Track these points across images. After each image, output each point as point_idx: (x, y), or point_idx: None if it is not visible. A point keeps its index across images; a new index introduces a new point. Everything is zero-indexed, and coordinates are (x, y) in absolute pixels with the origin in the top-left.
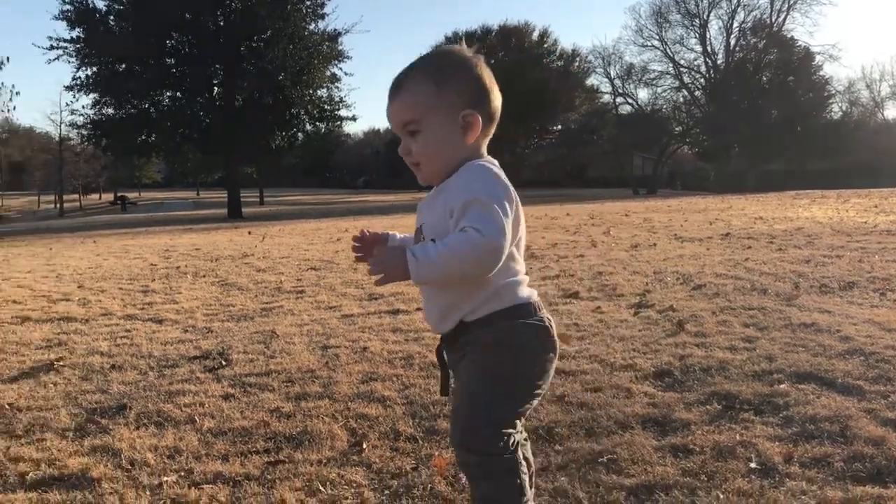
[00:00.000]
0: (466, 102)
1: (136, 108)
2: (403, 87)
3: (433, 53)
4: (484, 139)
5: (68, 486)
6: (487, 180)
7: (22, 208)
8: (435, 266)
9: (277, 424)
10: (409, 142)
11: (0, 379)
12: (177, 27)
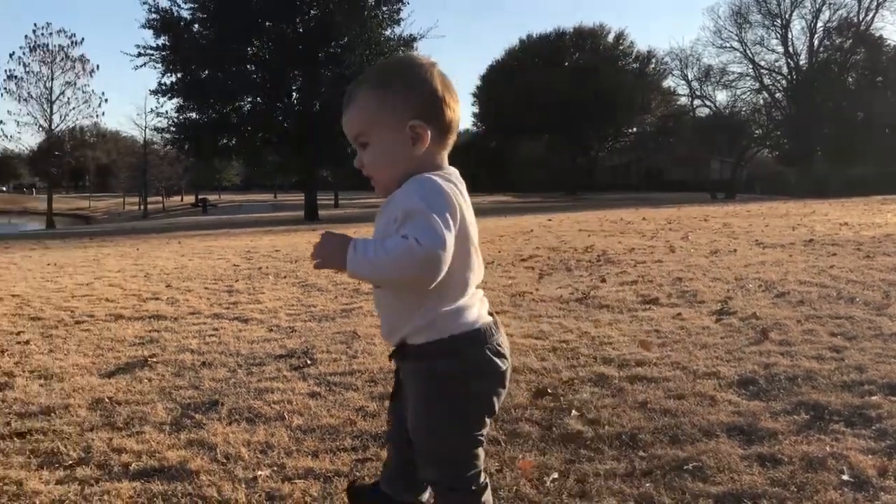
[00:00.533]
0: (414, 113)
1: (217, 113)
2: (352, 100)
3: (383, 63)
4: (439, 150)
5: (169, 477)
6: (430, 191)
7: (108, 209)
8: (370, 265)
9: (363, 423)
10: (361, 154)
11: (99, 373)
12: (257, 34)
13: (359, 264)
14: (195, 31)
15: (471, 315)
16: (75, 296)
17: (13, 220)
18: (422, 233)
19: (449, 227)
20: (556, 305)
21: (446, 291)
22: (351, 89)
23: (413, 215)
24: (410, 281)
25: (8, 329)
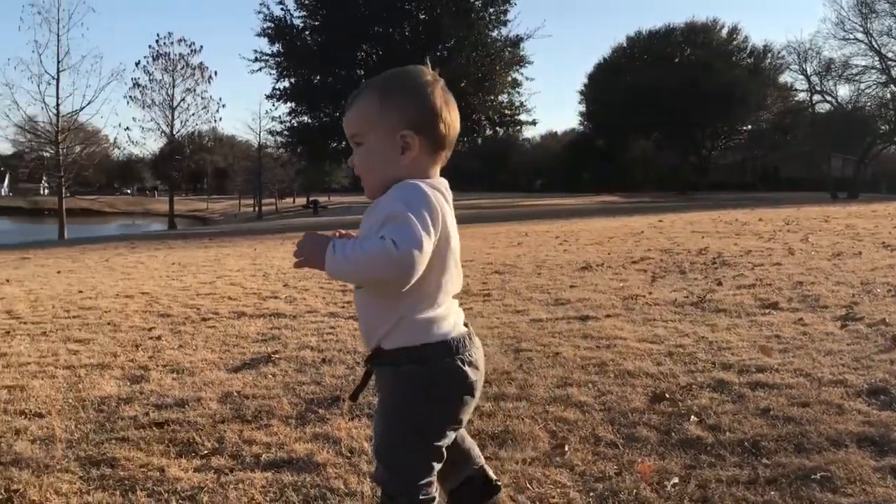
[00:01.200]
0: (408, 124)
1: (328, 117)
2: (354, 102)
3: (390, 73)
4: (431, 163)
5: (297, 468)
6: (413, 197)
7: (224, 211)
8: (347, 263)
9: (480, 422)
10: (354, 153)
11: (226, 368)
12: (366, 39)
13: (337, 263)
14: (307, 37)
15: (445, 325)
16: (200, 294)
17: (137, 220)
18: (398, 234)
19: (428, 230)
20: (670, 309)
21: (422, 299)
22: (356, 92)
23: (393, 218)
24: (385, 281)
25: (140, 325)
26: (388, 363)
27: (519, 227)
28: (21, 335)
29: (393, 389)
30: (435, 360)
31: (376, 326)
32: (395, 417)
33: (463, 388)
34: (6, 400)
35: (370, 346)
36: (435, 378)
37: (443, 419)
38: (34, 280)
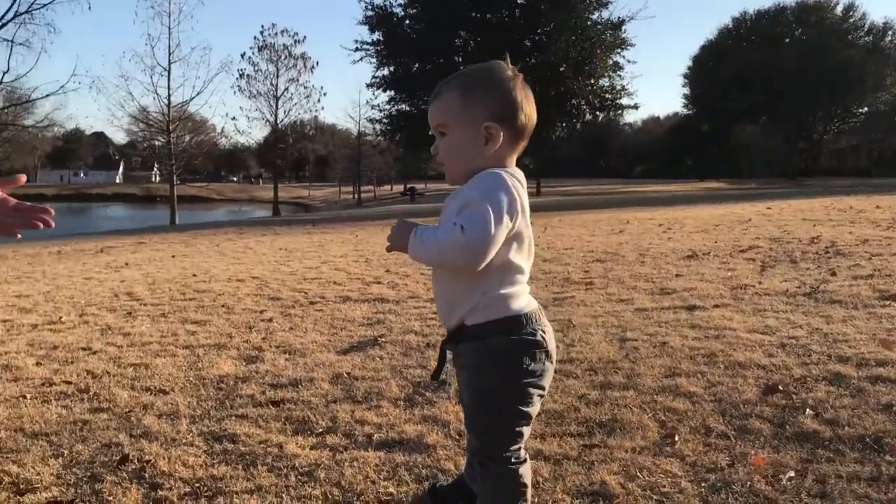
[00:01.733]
0: (491, 116)
1: (427, 104)
2: (439, 95)
3: (471, 68)
4: (511, 152)
5: (408, 449)
6: (492, 186)
7: (325, 198)
8: (424, 249)
9: (587, 410)
10: (438, 142)
11: (335, 350)
12: (464, 26)
13: (415, 247)
14: (406, 25)
15: (523, 300)
16: (306, 278)
17: (243, 207)
18: (469, 221)
19: (500, 218)
20: (781, 299)
21: (503, 277)
22: (441, 85)
23: (468, 205)
24: (454, 265)
25: (253, 308)
26: (472, 338)
27: (620, 214)
28: (142, 316)
29: (479, 362)
30: (517, 331)
31: (459, 304)
32: (483, 389)
33: (544, 356)
34: (133, 377)
35: (450, 325)
36: (519, 347)
37: (529, 386)
38: (151, 264)
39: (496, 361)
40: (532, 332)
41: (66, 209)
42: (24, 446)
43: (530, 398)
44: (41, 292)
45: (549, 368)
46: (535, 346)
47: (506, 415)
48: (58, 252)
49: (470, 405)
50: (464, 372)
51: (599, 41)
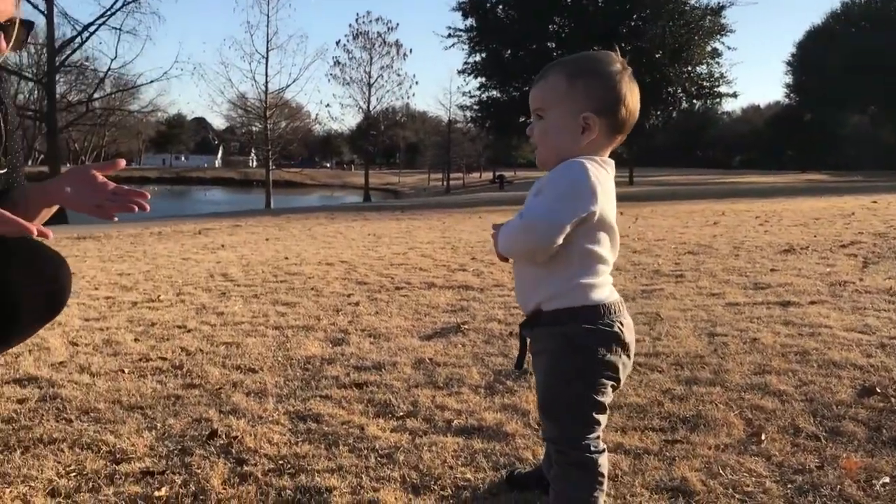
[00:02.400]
0: (592, 106)
1: (517, 91)
2: (544, 77)
3: (580, 55)
4: (606, 145)
5: (487, 436)
6: (567, 173)
7: (414, 185)
8: (502, 242)
9: (671, 405)
10: (535, 125)
11: (419, 336)
12: (558, 11)
13: (500, 244)
14: (499, 11)
15: (603, 291)
16: (393, 264)
17: (335, 193)
18: (531, 207)
19: (565, 204)
20: (884, 298)
21: (586, 265)
22: (547, 68)
23: (541, 192)
24: (521, 251)
25: (341, 291)
26: (547, 324)
27: (715, 205)
28: (236, 297)
29: (554, 349)
30: (594, 320)
31: (537, 290)
32: (558, 376)
33: (620, 348)
34: (224, 355)
35: (527, 310)
36: (595, 337)
37: (603, 375)
38: (245, 246)
39: (571, 349)
40: (609, 323)
41: (168, 192)
42: (120, 418)
43: (604, 388)
44: (142, 271)
45: (624, 361)
46: (612, 337)
47: (580, 403)
48: (158, 233)
49: (544, 392)
50: (539, 358)
51: (698, 27)
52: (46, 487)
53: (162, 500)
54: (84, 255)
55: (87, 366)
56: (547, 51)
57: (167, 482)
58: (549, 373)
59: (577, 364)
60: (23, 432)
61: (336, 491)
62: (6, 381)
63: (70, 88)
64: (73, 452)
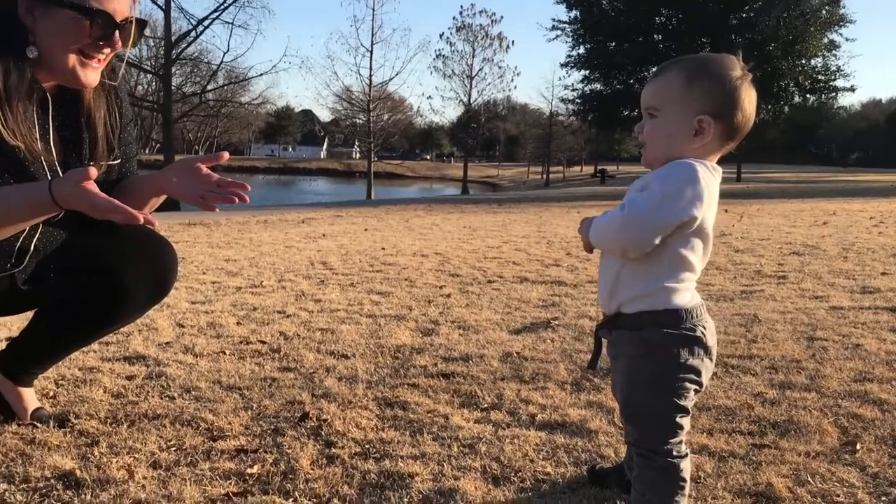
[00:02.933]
0: (708, 109)
1: (621, 84)
2: (660, 76)
3: (700, 56)
4: (717, 150)
5: (570, 432)
6: (675, 173)
7: (513, 178)
8: (595, 232)
9: (762, 409)
10: (645, 123)
11: (508, 329)
12: (666, 3)
13: (592, 233)
14: (604, 3)
15: (687, 295)
16: (487, 257)
17: (434, 185)
18: (635, 201)
19: (670, 204)
20: None
21: (673, 270)
22: (664, 66)
23: (647, 188)
24: (616, 245)
25: (433, 283)
26: (627, 327)
27: (826, 204)
28: (333, 285)
29: (635, 354)
30: (675, 324)
31: (620, 290)
32: (639, 381)
33: (703, 352)
34: (320, 340)
35: (609, 310)
36: (677, 341)
37: (685, 381)
38: (345, 236)
39: (652, 353)
40: (692, 327)
41: (275, 181)
42: (219, 397)
43: (686, 392)
44: (247, 257)
45: (707, 365)
46: (694, 341)
47: (662, 408)
48: (264, 221)
49: (625, 396)
50: (618, 361)
51: (814, 17)
52: (149, 459)
53: (253, 477)
54: (194, 240)
55: (192, 346)
56: (653, 43)
57: (259, 460)
58: (629, 377)
59: (658, 368)
60: (130, 407)
61: (418, 477)
62: (117, 359)
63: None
64: (174, 428)
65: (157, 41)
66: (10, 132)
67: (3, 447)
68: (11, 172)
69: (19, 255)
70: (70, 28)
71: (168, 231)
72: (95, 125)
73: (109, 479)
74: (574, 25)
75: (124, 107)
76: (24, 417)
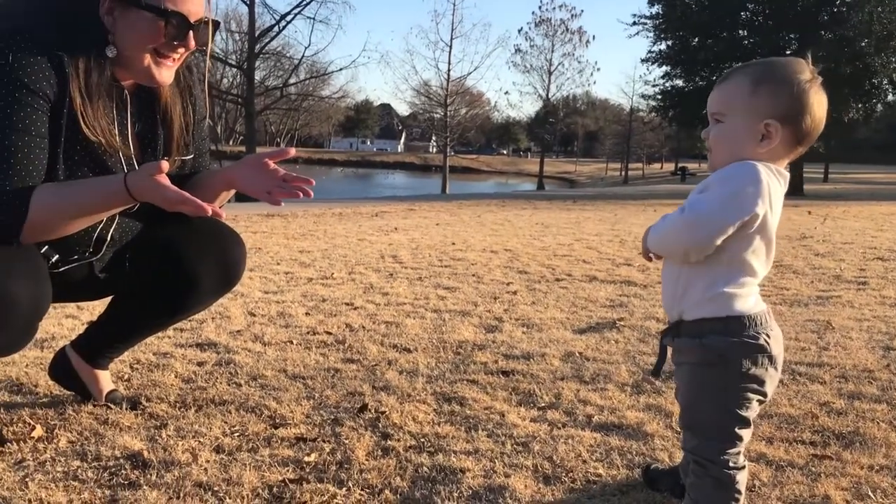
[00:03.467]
0: (775, 113)
1: (704, 81)
2: (726, 81)
3: (766, 61)
4: (785, 154)
5: (626, 434)
6: (737, 174)
7: (591, 174)
8: (654, 237)
9: (826, 419)
10: (712, 128)
11: (572, 329)
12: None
13: (651, 239)
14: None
15: (750, 301)
16: (557, 255)
17: (510, 180)
18: (696, 203)
19: (731, 205)
20: None
21: (734, 275)
22: (731, 71)
23: (708, 188)
24: (676, 248)
25: (500, 279)
26: (689, 335)
27: None
28: (401, 278)
29: (696, 362)
30: (737, 332)
31: (682, 297)
32: (699, 389)
33: (767, 360)
34: (384, 333)
35: (672, 317)
36: (738, 349)
37: (747, 390)
38: (416, 230)
39: (713, 362)
40: (755, 335)
41: (353, 174)
42: (284, 386)
43: (748, 402)
44: (320, 249)
45: (771, 374)
46: (758, 349)
47: (722, 417)
48: (339, 214)
49: (686, 404)
50: (680, 369)
51: None
52: (213, 444)
53: (310, 465)
54: (271, 231)
55: (261, 335)
56: (737, 40)
57: (317, 449)
58: (690, 385)
59: (719, 377)
60: (198, 392)
61: (469, 473)
62: (190, 345)
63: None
64: (238, 414)
65: (241, 36)
66: (91, 128)
67: (79, 426)
68: (90, 167)
69: (97, 244)
70: (146, 28)
71: (247, 221)
72: (171, 121)
73: (174, 461)
74: (656, 20)
75: (198, 104)
76: (99, 399)
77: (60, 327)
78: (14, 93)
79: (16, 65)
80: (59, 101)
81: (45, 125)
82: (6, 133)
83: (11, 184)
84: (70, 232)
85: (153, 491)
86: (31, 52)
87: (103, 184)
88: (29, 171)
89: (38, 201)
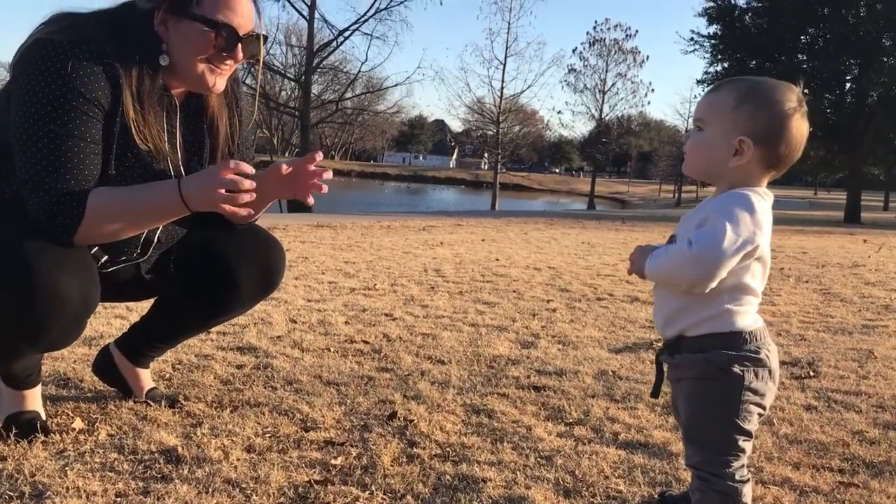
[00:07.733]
0: (751, 132)
1: None
2: (715, 92)
3: (756, 80)
4: (759, 174)
5: (651, 453)
6: (734, 204)
7: (644, 196)
8: (656, 269)
9: (858, 447)
10: (692, 135)
11: (608, 348)
12: (814, 23)
13: (651, 268)
14: (748, 20)
15: (749, 318)
16: (600, 274)
17: (561, 199)
18: (701, 237)
19: (736, 238)
20: None
21: (735, 296)
22: (721, 83)
23: (707, 222)
24: (682, 282)
25: (541, 296)
26: (690, 350)
27: None
28: (442, 292)
29: (698, 376)
30: (739, 346)
31: (681, 317)
32: (702, 403)
33: (766, 374)
34: (420, 345)
35: (668, 335)
36: (740, 363)
37: (748, 402)
38: (462, 245)
39: (716, 375)
40: (755, 349)
41: (405, 188)
42: (317, 391)
43: (750, 414)
44: (365, 261)
45: (770, 388)
46: (758, 363)
47: (725, 429)
48: (387, 227)
49: (688, 419)
50: (680, 385)
51: None
52: (244, 443)
53: (336, 468)
54: (319, 241)
55: (300, 342)
56: (796, 63)
57: (344, 453)
58: (692, 399)
59: (722, 390)
60: (234, 393)
61: (491, 483)
62: (230, 348)
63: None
64: (271, 416)
65: (300, 50)
66: (142, 136)
67: (119, 421)
68: (140, 173)
69: (144, 246)
70: (197, 39)
71: (297, 231)
72: (217, 131)
73: (206, 458)
74: (713, 41)
75: (243, 114)
76: (140, 396)
77: (109, 327)
78: (71, 101)
79: (73, 74)
80: (113, 109)
81: (99, 132)
82: (63, 139)
83: (68, 187)
84: (122, 236)
85: (184, 485)
86: (88, 62)
87: (157, 191)
88: (84, 175)
89: (94, 204)
